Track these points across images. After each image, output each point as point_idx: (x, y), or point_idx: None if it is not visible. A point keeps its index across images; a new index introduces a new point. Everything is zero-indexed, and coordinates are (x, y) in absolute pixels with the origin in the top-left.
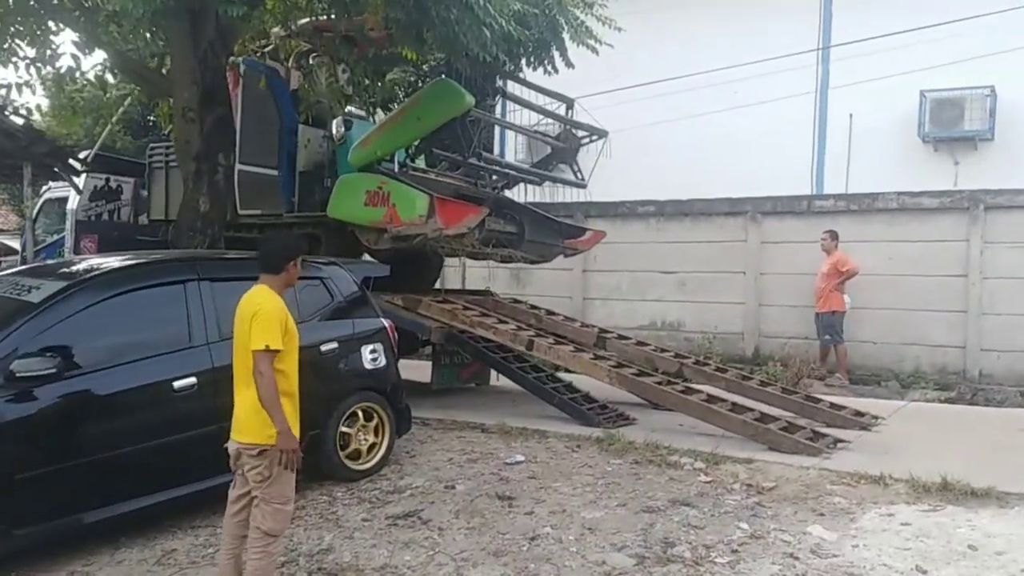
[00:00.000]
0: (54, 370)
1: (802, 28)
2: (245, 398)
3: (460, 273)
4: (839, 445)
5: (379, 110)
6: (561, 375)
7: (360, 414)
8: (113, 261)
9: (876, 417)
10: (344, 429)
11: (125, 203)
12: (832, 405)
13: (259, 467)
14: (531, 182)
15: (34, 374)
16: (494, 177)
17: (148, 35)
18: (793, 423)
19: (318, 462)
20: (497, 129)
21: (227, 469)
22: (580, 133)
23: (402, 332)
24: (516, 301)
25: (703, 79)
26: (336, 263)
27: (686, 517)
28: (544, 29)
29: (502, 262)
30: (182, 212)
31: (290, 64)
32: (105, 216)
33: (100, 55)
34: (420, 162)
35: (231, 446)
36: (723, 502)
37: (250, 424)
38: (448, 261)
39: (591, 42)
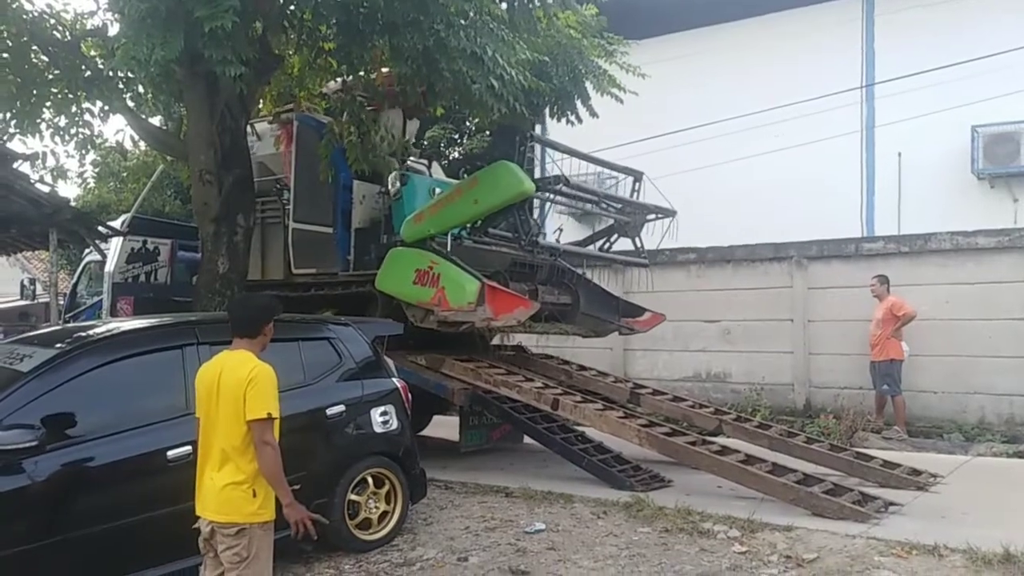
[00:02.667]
0: (35, 442)
1: (844, 65)
2: (219, 474)
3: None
4: (891, 509)
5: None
6: (592, 434)
7: (370, 480)
8: (111, 327)
9: (935, 475)
10: (353, 497)
11: (162, 264)
12: (885, 463)
13: (236, 547)
14: (591, 257)
15: (14, 447)
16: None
17: (156, 99)
18: (840, 485)
19: (326, 533)
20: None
21: None
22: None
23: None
24: (547, 357)
25: (743, 123)
26: (346, 322)
27: None
28: (564, 79)
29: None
30: (201, 274)
31: (344, 119)
32: (142, 278)
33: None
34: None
35: (202, 525)
36: None
37: (227, 501)
38: None
39: (615, 91)
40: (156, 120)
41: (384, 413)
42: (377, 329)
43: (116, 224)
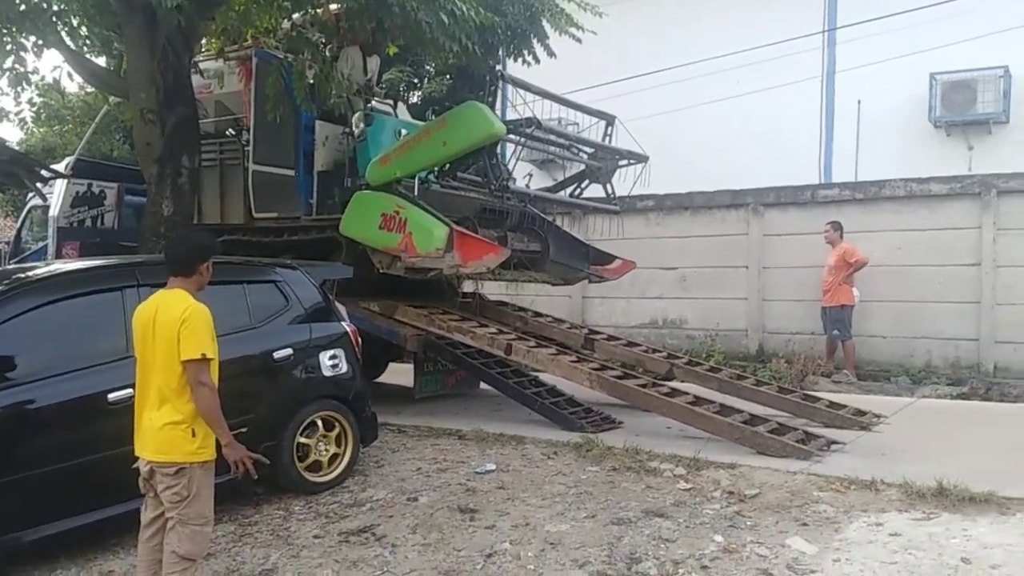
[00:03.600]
0: None
1: (806, 10)
2: (157, 414)
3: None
4: (833, 447)
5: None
6: (545, 379)
7: (320, 423)
8: (50, 268)
9: (878, 416)
10: (302, 440)
11: (109, 209)
12: (831, 404)
13: (176, 487)
14: (562, 204)
15: None
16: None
17: (92, 34)
18: (785, 425)
19: (275, 475)
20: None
21: None
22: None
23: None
24: (503, 303)
25: (703, 68)
26: (292, 265)
27: (658, 529)
28: (519, 17)
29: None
30: (146, 217)
31: (305, 56)
32: (88, 222)
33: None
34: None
35: (141, 466)
36: (700, 512)
37: (166, 441)
38: None
39: (573, 30)
40: (103, 60)
41: (333, 357)
42: (325, 272)
43: (60, 167)
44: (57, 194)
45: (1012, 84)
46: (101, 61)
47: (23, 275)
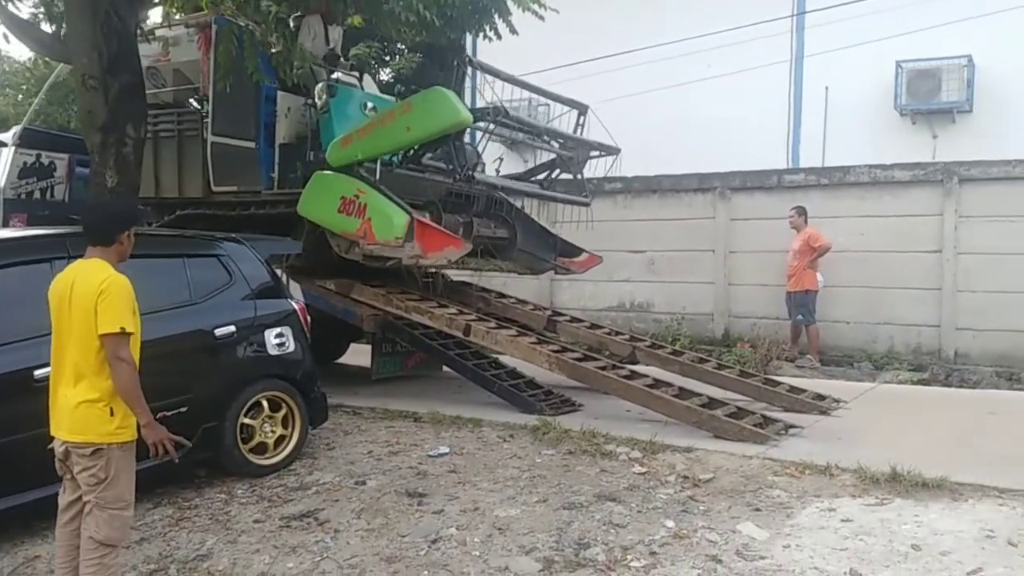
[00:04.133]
0: None
1: None
2: (73, 391)
3: None
4: (791, 431)
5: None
6: (506, 361)
7: (266, 404)
8: None
9: (838, 400)
10: (246, 421)
11: (59, 181)
12: (791, 388)
13: (93, 468)
14: (531, 196)
15: None
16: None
17: None
18: (743, 409)
19: (219, 457)
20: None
21: None
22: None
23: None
24: (466, 284)
25: (672, 50)
26: (236, 238)
27: (609, 514)
28: None
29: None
30: (89, 188)
31: (269, 22)
32: (37, 194)
33: None
34: None
35: (56, 446)
36: (653, 496)
37: (82, 419)
38: None
39: (535, 7)
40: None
41: (280, 335)
42: (272, 247)
43: (6, 137)
44: (3, 164)
45: (976, 74)
46: (45, 25)
47: None
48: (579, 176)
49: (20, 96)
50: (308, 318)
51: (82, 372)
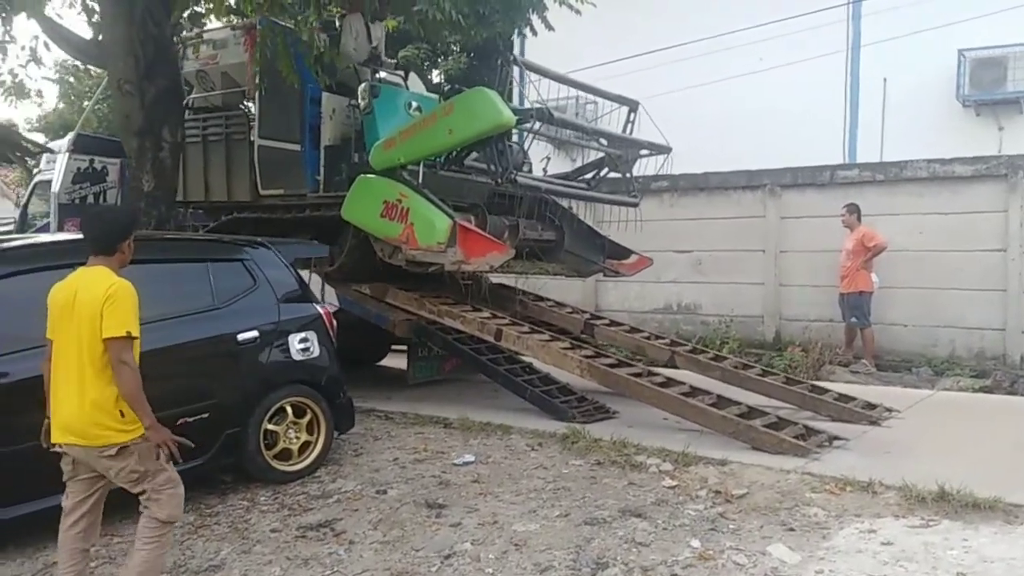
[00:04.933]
0: None
1: None
2: (80, 397)
3: None
4: (835, 443)
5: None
6: (540, 366)
7: (290, 410)
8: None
9: (890, 409)
10: (270, 427)
11: (111, 185)
12: (840, 396)
13: (127, 467)
14: (577, 197)
15: None
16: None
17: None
18: (784, 419)
19: (242, 463)
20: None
21: None
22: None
23: None
24: (504, 287)
25: (723, 42)
26: (262, 242)
27: (632, 531)
28: None
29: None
30: (126, 192)
31: (314, 25)
32: (90, 199)
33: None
34: None
35: (67, 451)
36: (681, 512)
37: (97, 424)
38: None
39: (572, 2)
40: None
41: (304, 340)
42: (298, 251)
43: (63, 143)
44: (58, 170)
45: None
46: (84, 31)
47: None
48: (628, 175)
49: (85, 103)
50: (334, 323)
51: (89, 377)
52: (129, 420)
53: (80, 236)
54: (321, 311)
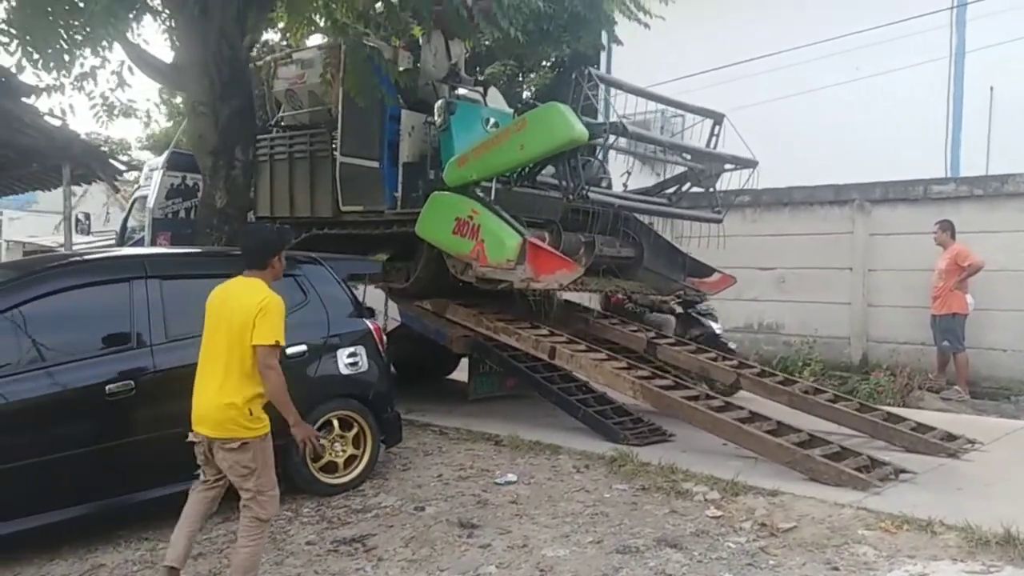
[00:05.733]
0: None
1: None
2: (219, 394)
3: None
4: (901, 477)
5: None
6: (597, 385)
7: (336, 423)
8: (63, 258)
9: (972, 441)
10: None
11: None
12: (918, 426)
13: (243, 460)
14: (656, 213)
15: None
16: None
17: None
18: (848, 449)
19: (289, 474)
20: None
21: (168, 479)
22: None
23: None
24: (569, 303)
25: (817, 51)
26: (315, 259)
27: (665, 563)
28: (576, 3)
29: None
30: (200, 209)
31: (398, 43)
32: (182, 214)
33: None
34: None
35: (198, 439)
36: (720, 545)
37: (228, 419)
38: None
39: (640, 14)
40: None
41: (353, 355)
42: (350, 267)
43: (159, 160)
44: (154, 186)
45: None
46: (166, 54)
47: (39, 265)
48: (712, 190)
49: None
50: (384, 338)
51: (230, 377)
52: (255, 419)
53: (117, 252)
54: (371, 326)
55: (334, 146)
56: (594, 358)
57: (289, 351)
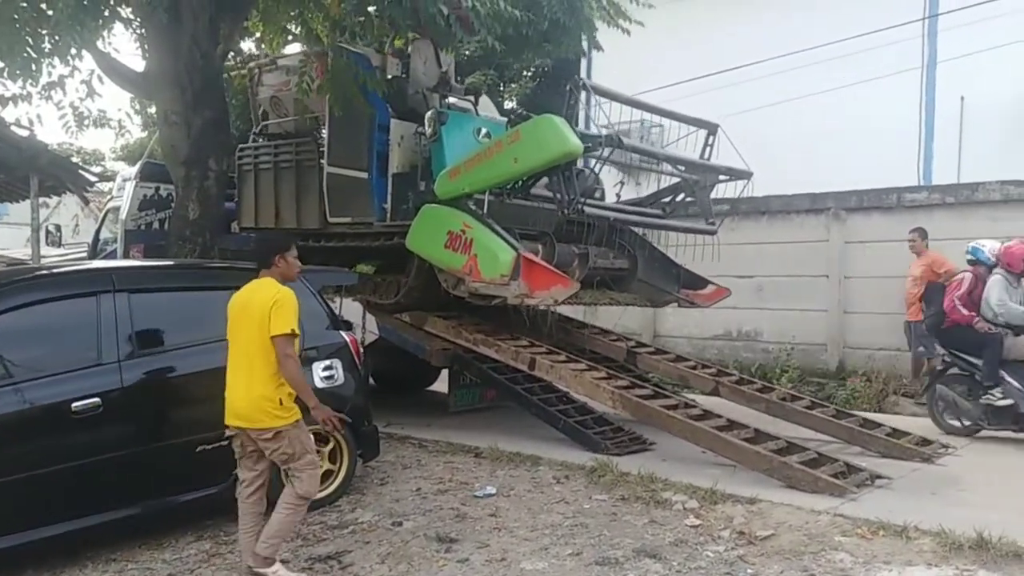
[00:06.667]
0: None
1: None
2: (248, 387)
3: None
4: (877, 482)
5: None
6: (578, 395)
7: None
8: (30, 271)
9: (946, 446)
10: None
11: None
12: (893, 431)
13: (281, 447)
14: (650, 226)
15: None
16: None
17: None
18: (825, 455)
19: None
20: None
21: (136, 498)
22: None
23: None
24: (551, 312)
25: (792, 61)
26: None
27: (644, 573)
28: (557, 9)
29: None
30: (173, 220)
31: (387, 50)
32: (155, 225)
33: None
34: None
35: (234, 432)
36: (699, 554)
37: (259, 411)
38: None
39: (621, 21)
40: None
41: (328, 368)
42: (325, 279)
43: (132, 171)
44: (126, 197)
45: None
46: (138, 63)
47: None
48: (706, 202)
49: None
50: (361, 350)
51: (257, 372)
52: (285, 409)
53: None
54: (348, 339)
55: (321, 155)
56: (574, 368)
57: None
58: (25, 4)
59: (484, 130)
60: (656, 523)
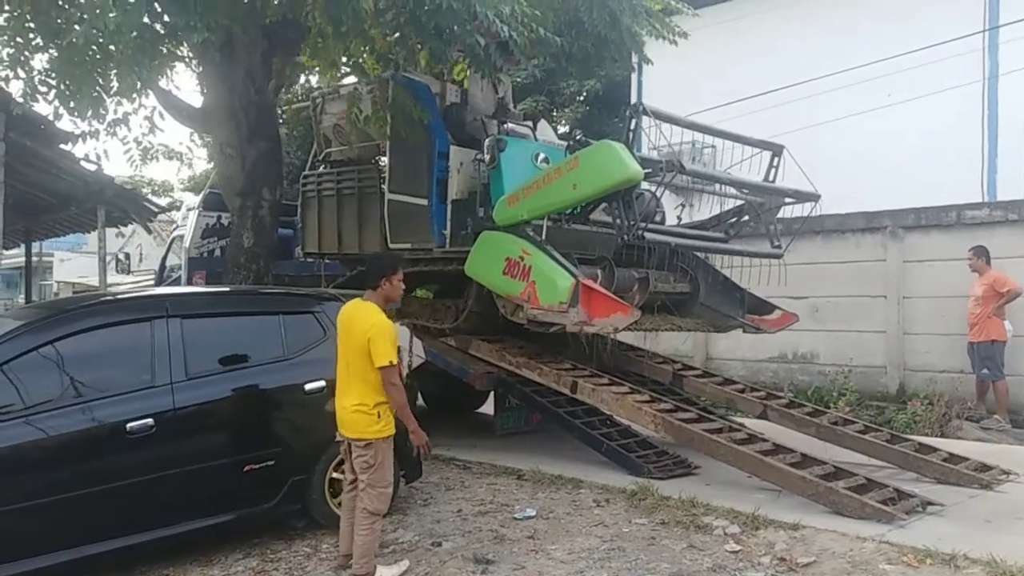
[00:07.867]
0: None
1: (963, 9)
2: (350, 401)
3: None
4: (929, 509)
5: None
6: (621, 418)
7: None
8: (89, 298)
9: (1007, 472)
10: (336, 475)
11: None
12: (950, 456)
13: (365, 456)
14: (712, 251)
15: None
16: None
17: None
18: (874, 481)
19: (310, 509)
20: None
21: (185, 517)
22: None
23: None
24: (597, 336)
25: (848, 78)
26: (336, 296)
27: None
28: (597, 24)
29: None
30: (229, 248)
31: (445, 78)
32: (217, 252)
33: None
34: None
35: (342, 439)
36: None
37: (358, 422)
38: None
39: (667, 34)
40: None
41: None
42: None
43: (196, 200)
44: (190, 226)
45: None
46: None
47: (64, 306)
48: (772, 226)
49: None
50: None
51: (356, 386)
52: (382, 422)
53: (139, 293)
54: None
55: (382, 182)
56: (616, 391)
57: (308, 387)
58: (95, 47)
59: (542, 155)
60: (695, 548)
